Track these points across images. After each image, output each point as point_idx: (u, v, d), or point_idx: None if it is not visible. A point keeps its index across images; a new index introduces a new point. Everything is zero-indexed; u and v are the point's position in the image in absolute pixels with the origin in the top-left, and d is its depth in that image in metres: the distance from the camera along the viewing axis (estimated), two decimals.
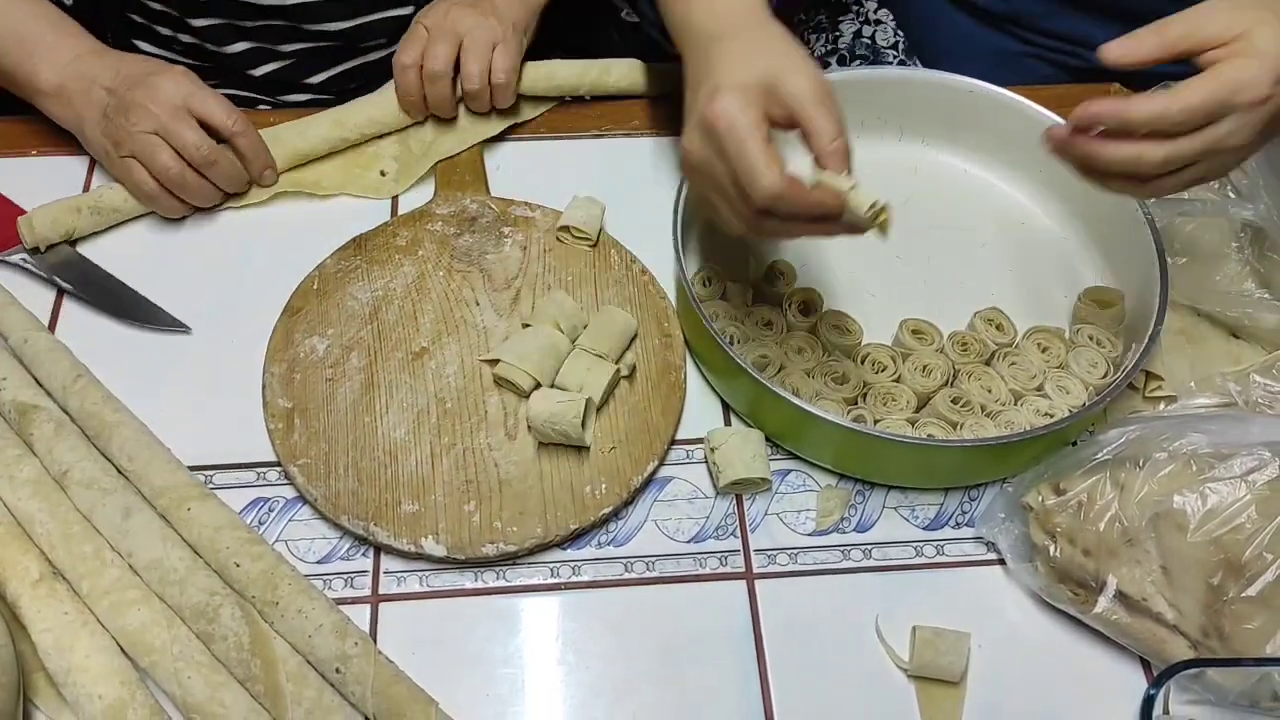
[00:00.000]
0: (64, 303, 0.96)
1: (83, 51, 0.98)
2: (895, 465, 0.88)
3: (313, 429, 0.88)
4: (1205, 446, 0.80)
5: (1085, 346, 0.92)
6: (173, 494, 0.82)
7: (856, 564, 0.86)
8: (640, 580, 0.85)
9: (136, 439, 0.85)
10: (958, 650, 0.80)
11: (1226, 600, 0.78)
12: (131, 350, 0.93)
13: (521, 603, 0.84)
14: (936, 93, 1.03)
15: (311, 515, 0.86)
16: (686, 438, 0.91)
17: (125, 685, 0.74)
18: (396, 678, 0.77)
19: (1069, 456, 0.84)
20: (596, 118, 1.10)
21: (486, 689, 0.80)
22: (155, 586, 0.79)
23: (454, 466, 0.87)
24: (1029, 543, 0.83)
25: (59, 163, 1.04)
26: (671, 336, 0.94)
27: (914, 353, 0.91)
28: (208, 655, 0.77)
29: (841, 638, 0.83)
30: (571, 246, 0.99)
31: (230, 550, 0.80)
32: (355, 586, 0.84)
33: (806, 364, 0.90)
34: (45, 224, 0.96)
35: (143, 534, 0.80)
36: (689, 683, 0.81)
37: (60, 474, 0.83)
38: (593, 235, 0.99)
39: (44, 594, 0.78)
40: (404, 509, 0.85)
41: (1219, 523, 0.78)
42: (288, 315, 0.94)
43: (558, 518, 0.85)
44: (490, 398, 0.90)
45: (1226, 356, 0.92)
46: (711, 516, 0.87)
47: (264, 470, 0.88)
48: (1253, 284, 0.93)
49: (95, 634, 0.77)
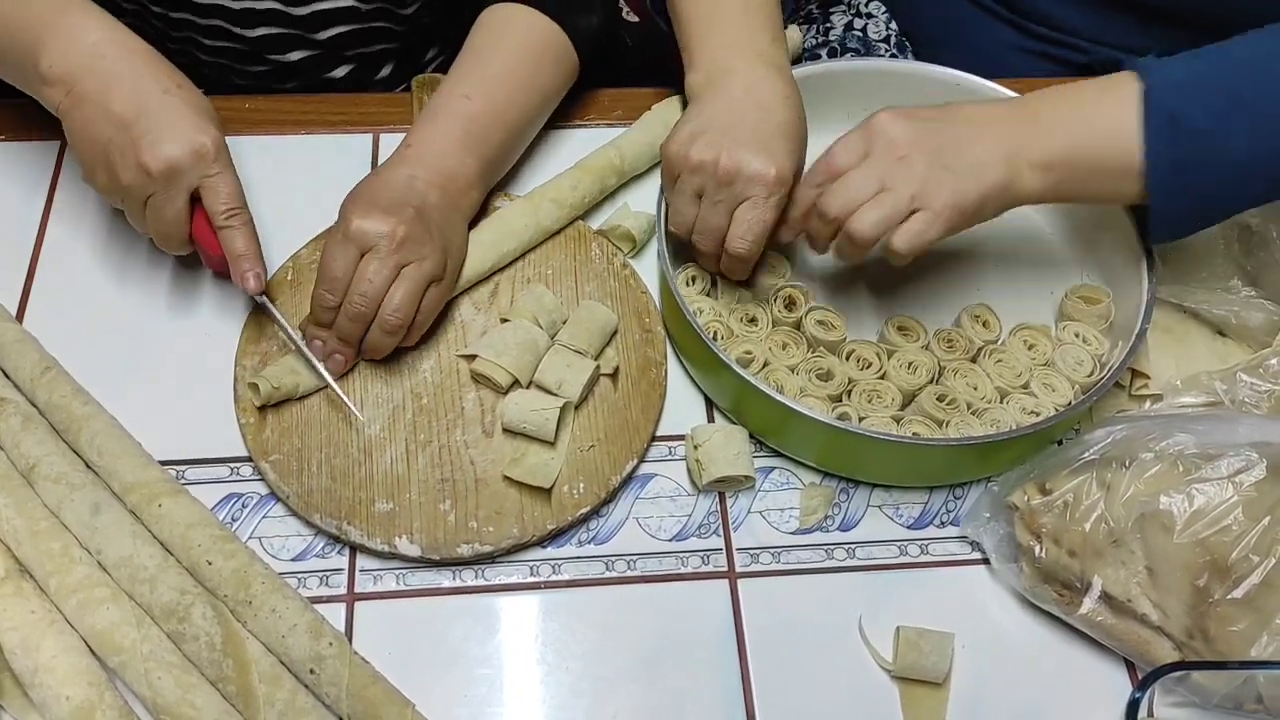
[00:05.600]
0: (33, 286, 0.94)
1: (100, 40, 0.85)
2: (880, 463, 0.87)
3: (285, 425, 0.86)
4: (1192, 447, 0.80)
5: (1071, 344, 0.91)
6: (143, 490, 0.81)
7: (840, 563, 0.85)
8: (621, 579, 0.84)
9: (107, 433, 0.84)
10: (941, 651, 0.80)
11: (1212, 602, 0.77)
12: (102, 343, 0.91)
13: (500, 602, 0.83)
14: (925, 85, 1.02)
15: (285, 512, 0.85)
16: (669, 434, 0.90)
17: (94, 686, 0.73)
18: (373, 679, 0.75)
19: (1055, 456, 0.83)
20: (580, 109, 1.08)
21: (464, 690, 0.79)
22: (125, 585, 0.78)
23: (429, 464, 0.85)
24: (1014, 543, 0.83)
25: (26, 148, 1.02)
26: (652, 332, 0.93)
27: (899, 349, 0.90)
28: (179, 655, 0.75)
29: (824, 638, 0.82)
30: (555, 241, 0.97)
31: (202, 548, 0.79)
32: (330, 585, 0.82)
33: (791, 360, 0.89)
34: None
35: (112, 530, 0.79)
36: (670, 683, 0.80)
37: (27, 468, 0.82)
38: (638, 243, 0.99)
39: (10, 592, 0.76)
40: (378, 508, 0.83)
41: (1205, 524, 0.78)
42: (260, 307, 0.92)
43: (535, 518, 0.84)
44: (467, 394, 0.89)
45: (1213, 355, 0.91)
46: (694, 515, 0.86)
47: (237, 465, 0.87)
48: (1239, 282, 0.93)
49: (63, 633, 0.75)
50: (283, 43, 1.08)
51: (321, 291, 0.86)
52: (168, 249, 0.88)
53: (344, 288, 0.85)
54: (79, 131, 0.84)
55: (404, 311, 0.85)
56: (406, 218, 0.85)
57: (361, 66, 1.15)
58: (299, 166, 1.02)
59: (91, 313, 0.93)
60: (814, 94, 1.02)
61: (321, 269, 0.86)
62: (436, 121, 0.92)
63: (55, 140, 1.01)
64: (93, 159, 0.84)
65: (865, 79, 1.03)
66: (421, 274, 0.86)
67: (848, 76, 1.03)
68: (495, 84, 0.94)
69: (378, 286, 0.84)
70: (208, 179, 0.84)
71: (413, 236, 0.85)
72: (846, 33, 1.28)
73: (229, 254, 0.86)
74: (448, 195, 0.90)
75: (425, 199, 0.88)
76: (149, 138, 0.82)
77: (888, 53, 1.27)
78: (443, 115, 0.93)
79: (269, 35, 1.06)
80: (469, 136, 0.92)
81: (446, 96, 0.94)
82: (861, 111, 1.04)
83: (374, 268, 0.84)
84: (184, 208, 0.85)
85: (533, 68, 0.95)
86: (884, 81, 1.03)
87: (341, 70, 1.14)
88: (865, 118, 0.85)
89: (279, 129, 1.04)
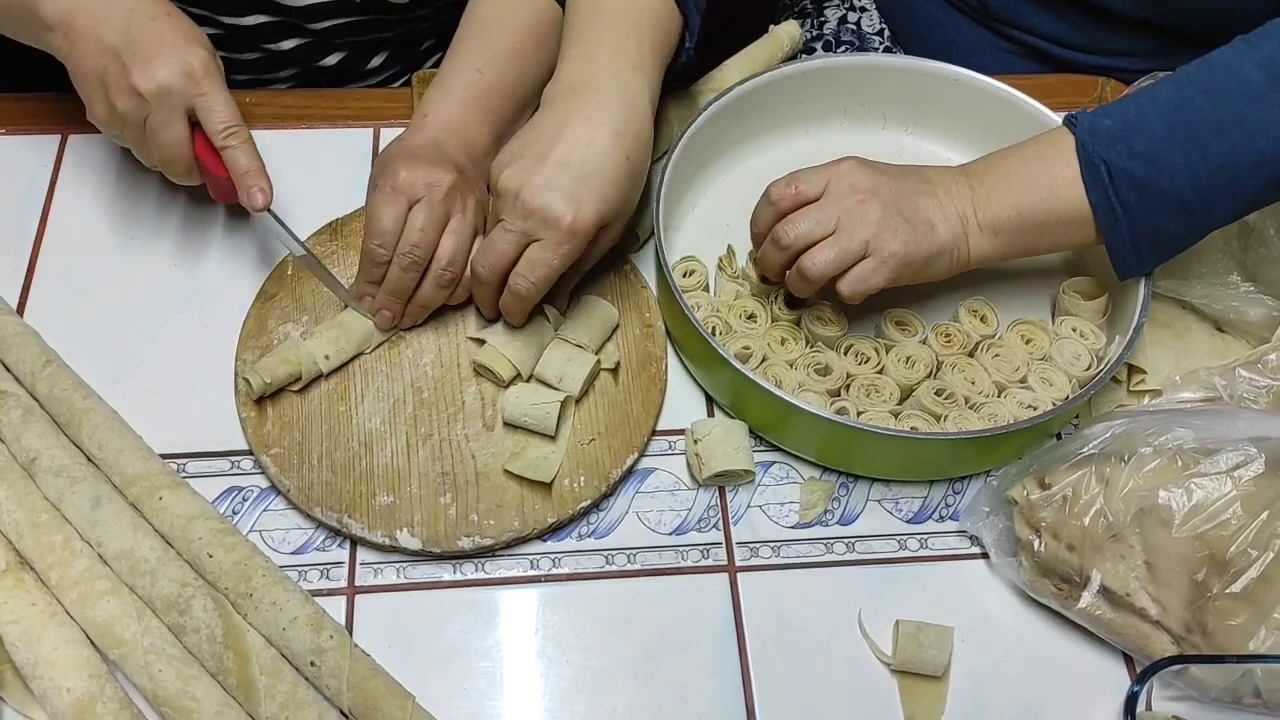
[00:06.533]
0: (33, 282, 0.94)
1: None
2: (878, 458, 0.87)
3: (285, 418, 0.87)
4: (1191, 442, 0.80)
5: (1069, 339, 0.91)
6: (144, 483, 0.81)
7: (840, 557, 0.85)
8: (621, 573, 0.84)
9: (107, 426, 0.84)
10: (941, 645, 0.80)
11: (1210, 596, 0.77)
12: (103, 336, 0.91)
13: (500, 595, 0.83)
14: (921, 80, 1.02)
15: (286, 505, 0.85)
16: (669, 429, 0.90)
17: (94, 678, 0.73)
18: (373, 671, 0.75)
19: (1054, 451, 0.83)
20: None
21: (464, 683, 0.79)
22: (125, 577, 0.78)
23: (430, 458, 0.85)
24: (1013, 537, 0.83)
25: (27, 141, 1.02)
26: (652, 327, 0.93)
27: (897, 344, 0.91)
28: (179, 648, 0.75)
29: (824, 631, 0.82)
30: None
31: (203, 540, 0.79)
32: (331, 578, 0.82)
33: (789, 356, 0.89)
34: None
35: (113, 523, 0.79)
36: (670, 676, 0.80)
37: (28, 461, 0.82)
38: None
39: (11, 584, 0.76)
40: (379, 501, 0.83)
41: (1204, 518, 0.78)
42: (261, 301, 0.92)
43: (535, 511, 0.84)
44: (468, 388, 0.89)
45: (1211, 350, 0.92)
46: (694, 509, 0.87)
47: (238, 459, 0.87)
48: (1238, 277, 0.93)
49: (64, 626, 0.75)
50: (275, 31, 1.08)
51: (373, 246, 0.86)
52: (175, 176, 0.89)
53: (395, 240, 0.86)
54: (77, 68, 0.85)
55: (458, 263, 0.87)
56: (450, 169, 0.87)
57: (354, 54, 1.15)
58: (299, 161, 1.02)
59: (92, 306, 0.93)
60: (812, 89, 1.02)
61: (370, 224, 0.86)
62: (451, 93, 0.93)
63: (56, 133, 1.01)
64: (91, 92, 0.85)
65: (864, 73, 1.03)
66: (467, 226, 0.87)
67: (846, 71, 1.03)
68: (505, 61, 0.94)
69: (430, 236, 0.86)
70: (201, 98, 0.85)
71: (458, 186, 0.87)
72: (840, 26, 1.28)
73: (233, 172, 0.87)
74: (472, 160, 0.91)
75: (457, 159, 0.89)
76: (139, 61, 0.83)
77: (882, 46, 1.27)
78: (457, 88, 0.93)
79: (262, 24, 1.06)
80: (483, 108, 0.93)
81: (458, 70, 0.94)
82: (859, 106, 1.05)
83: (424, 218, 0.86)
84: (183, 129, 0.85)
85: (537, 47, 0.95)
86: (882, 76, 1.03)
87: (334, 58, 1.14)
88: (830, 161, 0.87)
89: (279, 123, 1.04)
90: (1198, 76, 0.82)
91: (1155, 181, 0.81)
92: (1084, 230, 0.85)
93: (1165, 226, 0.83)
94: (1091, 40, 1.14)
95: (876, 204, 0.83)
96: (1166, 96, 0.82)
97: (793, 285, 0.87)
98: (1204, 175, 0.80)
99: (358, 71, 1.16)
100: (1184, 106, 0.81)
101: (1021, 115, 0.97)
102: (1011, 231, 0.85)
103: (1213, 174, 0.80)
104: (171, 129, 0.85)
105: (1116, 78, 1.12)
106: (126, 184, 0.99)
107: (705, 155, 1.00)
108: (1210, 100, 0.80)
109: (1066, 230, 0.85)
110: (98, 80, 0.84)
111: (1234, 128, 0.80)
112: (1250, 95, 0.80)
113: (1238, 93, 0.80)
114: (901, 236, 0.83)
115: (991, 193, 0.85)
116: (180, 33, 0.85)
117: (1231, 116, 0.80)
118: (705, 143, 0.98)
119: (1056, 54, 1.17)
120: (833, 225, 0.83)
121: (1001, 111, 0.99)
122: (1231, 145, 0.80)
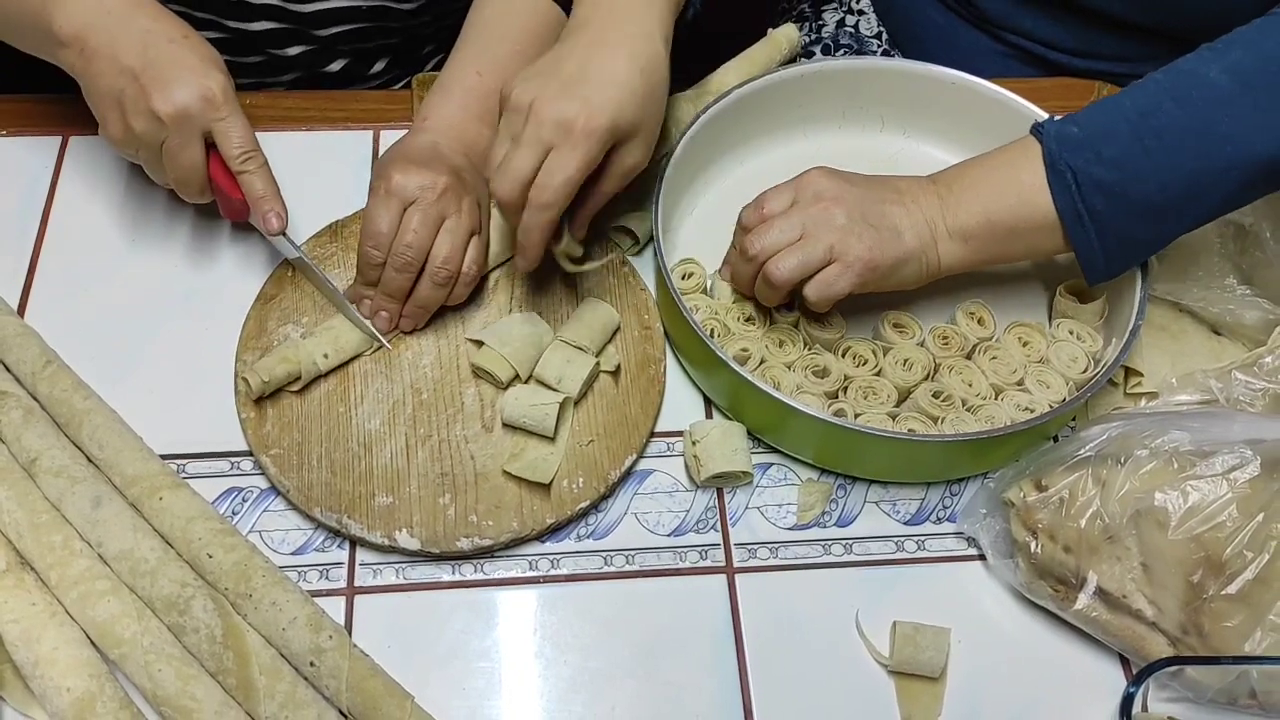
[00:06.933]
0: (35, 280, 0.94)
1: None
2: (876, 460, 0.87)
3: (285, 419, 0.87)
4: (1187, 444, 0.80)
5: (1066, 341, 0.92)
6: (144, 483, 0.81)
7: (837, 559, 0.86)
8: (620, 574, 0.84)
9: (107, 426, 0.84)
10: (938, 646, 0.80)
11: (1206, 598, 0.78)
12: (103, 337, 0.91)
13: (499, 596, 0.83)
14: (919, 84, 1.02)
15: (285, 506, 0.85)
16: (667, 430, 0.90)
17: (94, 678, 0.73)
18: (372, 671, 0.76)
19: (1051, 453, 0.84)
20: None
21: (463, 683, 0.79)
22: (125, 577, 0.78)
23: (429, 459, 0.86)
24: (1010, 539, 0.83)
25: (28, 143, 1.02)
26: (651, 329, 0.93)
27: (895, 347, 0.91)
28: (179, 648, 0.76)
29: (821, 633, 0.82)
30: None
31: (203, 541, 0.79)
32: (330, 579, 0.82)
33: (787, 358, 0.90)
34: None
35: (113, 523, 0.79)
36: (668, 677, 0.80)
37: (28, 462, 0.82)
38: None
39: (11, 584, 0.77)
40: (378, 501, 0.84)
41: (1200, 520, 0.78)
42: (261, 302, 0.92)
43: (534, 512, 0.84)
44: (467, 389, 0.89)
45: (1208, 353, 0.92)
46: (692, 510, 0.87)
47: (238, 460, 0.87)
48: (1234, 280, 0.93)
49: (64, 625, 0.75)
50: (281, 37, 1.08)
51: (367, 249, 0.87)
52: (188, 196, 0.90)
53: (389, 243, 0.87)
54: (92, 86, 0.86)
55: (453, 261, 0.88)
56: (444, 171, 0.88)
57: (357, 60, 1.15)
58: (299, 163, 1.02)
59: (93, 307, 0.93)
60: (810, 92, 1.03)
61: (365, 227, 0.87)
62: (451, 96, 0.94)
63: (58, 135, 1.02)
64: (107, 112, 0.86)
65: (861, 77, 1.03)
66: (462, 227, 0.88)
67: (844, 74, 1.03)
68: (505, 64, 0.94)
69: (423, 237, 0.87)
70: (218, 123, 0.85)
71: (452, 188, 0.87)
72: (838, 29, 1.29)
73: (249, 196, 0.88)
74: (471, 161, 0.92)
75: (453, 161, 0.90)
76: (158, 84, 0.83)
77: (880, 49, 1.27)
78: (456, 90, 0.94)
79: (269, 30, 1.06)
80: (482, 110, 0.93)
81: (459, 73, 0.95)
82: (857, 109, 1.05)
83: (418, 219, 0.86)
84: (200, 153, 0.86)
85: (538, 50, 0.95)
86: (880, 79, 1.03)
87: (337, 64, 1.14)
88: (799, 173, 0.88)
89: (280, 125, 1.04)
90: (1165, 83, 0.82)
91: (1123, 187, 0.81)
92: (1052, 237, 0.85)
93: (1133, 232, 0.83)
94: (1085, 44, 1.14)
95: (841, 210, 0.84)
96: (1134, 103, 0.82)
97: (760, 293, 0.88)
98: (1172, 181, 0.81)
99: (360, 76, 1.17)
100: (1152, 113, 0.81)
101: (1018, 118, 0.98)
102: (981, 238, 0.86)
103: (1181, 180, 0.80)
104: (188, 152, 0.86)
105: (1111, 82, 1.12)
106: (127, 186, 1.00)
107: (704, 158, 1.00)
108: (1178, 106, 0.81)
109: (1035, 237, 0.85)
110: (114, 100, 0.85)
111: (1202, 133, 0.80)
112: (1218, 100, 0.80)
113: (1205, 98, 0.80)
114: (866, 241, 0.83)
115: (960, 200, 0.86)
116: (199, 56, 0.86)
117: (1199, 122, 0.80)
118: (704, 146, 0.98)
119: (1052, 58, 1.17)
120: (798, 233, 0.84)
121: (998, 115, 1.00)
122: (1199, 151, 0.80)
